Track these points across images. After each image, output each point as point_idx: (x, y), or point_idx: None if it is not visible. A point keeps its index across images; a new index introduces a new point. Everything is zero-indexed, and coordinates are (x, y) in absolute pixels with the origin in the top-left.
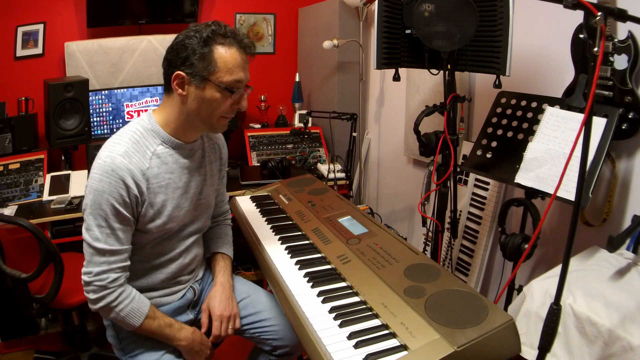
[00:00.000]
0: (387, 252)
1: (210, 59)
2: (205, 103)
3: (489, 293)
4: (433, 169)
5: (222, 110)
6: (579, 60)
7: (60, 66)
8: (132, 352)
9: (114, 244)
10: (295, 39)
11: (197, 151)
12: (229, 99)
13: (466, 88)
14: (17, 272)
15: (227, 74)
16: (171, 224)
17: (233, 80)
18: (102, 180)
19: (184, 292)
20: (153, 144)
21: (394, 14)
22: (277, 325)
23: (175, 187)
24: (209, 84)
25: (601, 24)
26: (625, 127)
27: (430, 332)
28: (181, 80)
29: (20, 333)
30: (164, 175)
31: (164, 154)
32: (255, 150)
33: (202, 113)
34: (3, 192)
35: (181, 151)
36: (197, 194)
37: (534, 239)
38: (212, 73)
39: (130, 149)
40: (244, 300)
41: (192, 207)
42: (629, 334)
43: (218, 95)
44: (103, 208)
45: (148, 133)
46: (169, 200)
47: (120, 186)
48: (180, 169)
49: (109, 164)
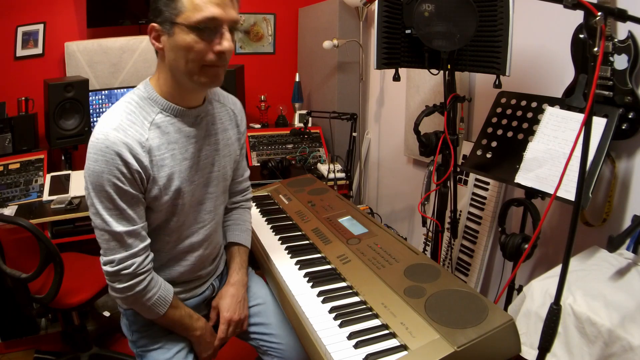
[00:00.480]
0: (387, 252)
1: (176, 1)
2: (180, 51)
3: (489, 293)
4: (433, 169)
5: (199, 55)
6: (579, 60)
7: (60, 66)
8: (145, 347)
9: (127, 225)
10: (295, 39)
11: (205, 117)
12: (204, 41)
13: (466, 88)
14: (17, 272)
15: (195, 12)
16: (181, 200)
17: (203, 17)
18: (98, 160)
19: (204, 289)
20: (151, 113)
21: (394, 14)
22: (285, 344)
23: (182, 159)
24: (177, 27)
25: (601, 24)
26: (625, 127)
27: (430, 332)
28: (156, 33)
29: (20, 333)
30: (166, 146)
31: (164, 123)
32: (255, 150)
33: (180, 64)
34: (3, 192)
35: (184, 118)
36: (208, 166)
37: (534, 239)
38: (178, 15)
39: (125, 122)
40: (257, 307)
41: (204, 180)
42: (629, 334)
43: (189, 37)
44: (106, 189)
45: (144, 102)
46: (176, 173)
47: (118, 163)
48: (185, 139)
49: (102, 141)
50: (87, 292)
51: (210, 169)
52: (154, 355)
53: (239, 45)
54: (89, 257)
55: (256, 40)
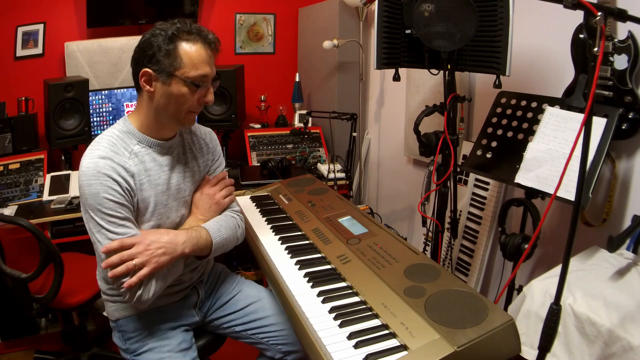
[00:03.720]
0: (387, 252)
1: (176, 55)
2: (173, 98)
3: (489, 293)
4: (433, 169)
5: (189, 105)
6: (579, 60)
7: (60, 66)
8: (137, 351)
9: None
10: (295, 39)
11: (176, 148)
12: (196, 94)
13: (466, 88)
14: (17, 272)
15: (192, 69)
16: (158, 220)
17: (199, 75)
18: (92, 184)
19: (187, 292)
20: (130, 144)
21: (394, 14)
22: (288, 329)
23: (156, 184)
24: (175, 79)
25: (601, 24)
26: (625, 127)
27: (430, 332)
28: (148, 77)
29: (20, 333)
30: (144, 172)
31: (141, 153)
32: (255, 150)
33: (169, 108)
34: (3, 192)
35: (157, 149)
36: (177, 192)
37: (534, 239)
38: (177, 69)
39: (109, 152)
40: (253, 304)
41: (177, 204)
42: (629, 334)
43: (185, 89)
44: (105, 206)
45: (124, 135)
46: (152, 197)
47: (111, 183)
48: (158, 167)
49: (92, 168)
50: (87, 292)
51: (183, 193)
52: (146, 356)
53: (239, 46)
54: (89, 257)
55: (256, 40)
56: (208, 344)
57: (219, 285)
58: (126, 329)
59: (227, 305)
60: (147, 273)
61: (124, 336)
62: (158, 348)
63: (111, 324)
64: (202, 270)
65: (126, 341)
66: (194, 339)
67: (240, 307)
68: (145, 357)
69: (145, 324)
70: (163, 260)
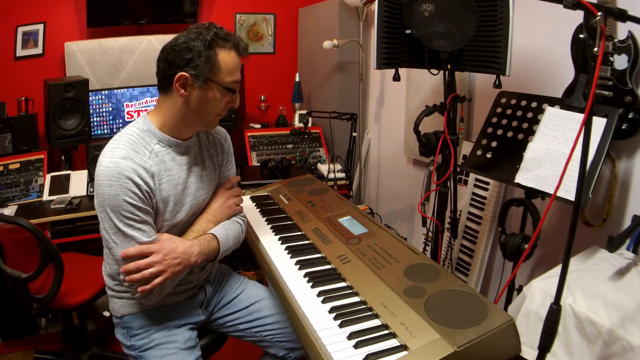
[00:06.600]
0: (387, 252)
1: (215, 62)
2: (207, 102)
3: (489, 293)
4: (433, 169)
5: (220, 108)
6: (579, 60)
7: (60, 66)
8: (142, 347)
9: (152, 232)
10: (295, 39)
11: (193, 147)
12: (226, 98)
13: (466, 88)
14: (17, 272)
15: (228, 75)
16: (177, 219)
17: (232, 80)
18: (112, 185)
19: (194, 292)
20: (150, 144)
21: (394, 14)
22: (291, 327)
23: (175, 184)
24: (212, 84)
25: (601, 24)
26: (625, 127)
27: (430, 332)
28: (184, 81)
29: (20, 333)
30: (163, 172)
31: (161, 152)
32: (255, 150)
33: (202, 112)
34: (3, 192)
35: (177, 149)
36: (195, 190)
37: (534, 239)
38: (215, 74)
39: (130, 152)
40: (257, 303)
41: (195, 202)
42: (629, 334)
43: (219, 95)
44: (124, 208)
45: (144, 134)
46: (171, 196)
47: (131, 185)
48: (177, 166)
49: (113, 169)
50: (87, 292)
51: (200, 192)
52: (152, 353)
53: None
54: (89, 257)
55: (256, 40)
56: (210, 344)
57: (224, 285)
58: (132, 325)
59: (231, 304)
60: (161, 281)
61: (128, 333)
62: (165, 345)
63: (115, 321)
64: (209, 270)
65: (131, 338)
66: (198, 338)
67: (244, 305)
68: (151, 353)
69: (152, 321)
70: (177, 270)
